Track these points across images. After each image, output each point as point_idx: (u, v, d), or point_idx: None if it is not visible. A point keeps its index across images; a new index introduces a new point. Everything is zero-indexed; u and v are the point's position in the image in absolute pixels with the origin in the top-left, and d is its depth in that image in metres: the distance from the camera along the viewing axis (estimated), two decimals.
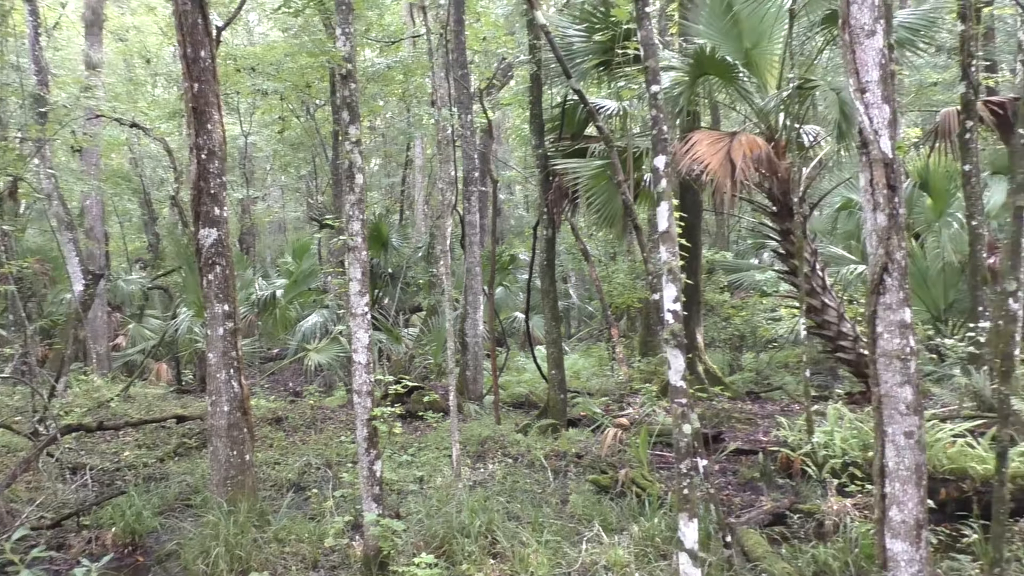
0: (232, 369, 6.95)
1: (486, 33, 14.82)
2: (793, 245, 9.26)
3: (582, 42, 9.94)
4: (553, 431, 9.52)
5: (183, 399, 12.89)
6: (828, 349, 9.80)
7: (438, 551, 5.78)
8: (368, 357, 6.09)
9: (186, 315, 13.44)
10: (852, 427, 7.30)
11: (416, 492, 7.17)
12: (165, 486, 8.01)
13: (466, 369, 11.95)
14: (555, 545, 5.92)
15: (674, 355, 4.62)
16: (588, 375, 13.60)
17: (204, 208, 7.04)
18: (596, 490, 7.23)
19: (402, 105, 19.71)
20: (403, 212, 22.60)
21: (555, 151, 10.54)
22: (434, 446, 8.79)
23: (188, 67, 7.00)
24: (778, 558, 5.55)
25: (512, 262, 16.77)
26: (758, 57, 9.65)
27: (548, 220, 10.44)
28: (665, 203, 4.89)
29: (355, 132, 6.11)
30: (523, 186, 24.85)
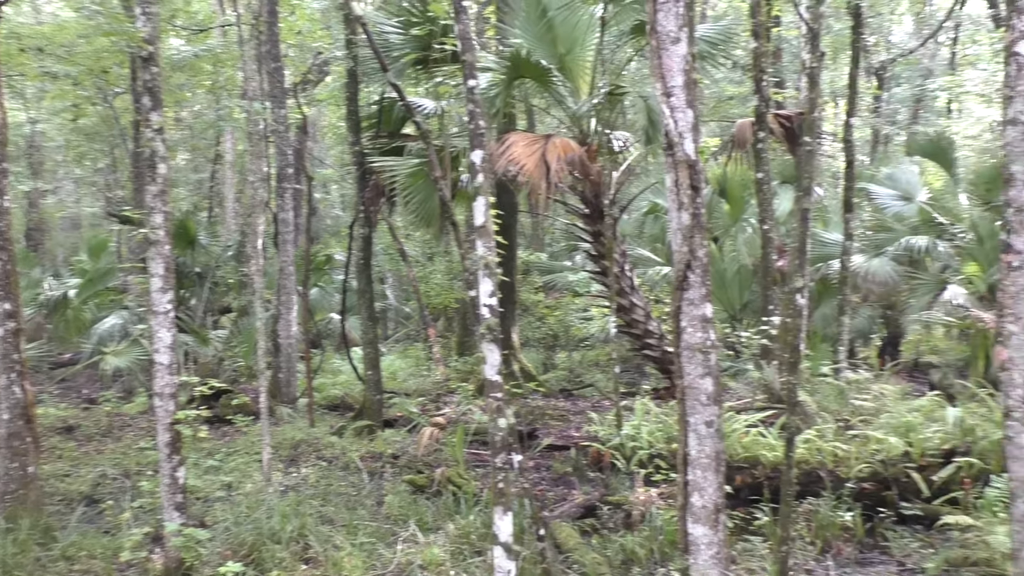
0: (14, 373, 6.37)
1: (301, 27, 14.42)
2: (604, 247, 9.59)
3: (399, 37, 9.85)
4: (369, 432, 9.37)
5: None
6: (636, 347, 10.22)
7: (247, 559, 5.54)
8: (172, 358, 5.75)
9: None
10: (658, 420, 7.64)
11: (224, 499, 6.84)
12: None
13: (279, 371, 11.55)
14: (370, 547, 5.82)
15: (490, 350, 4.66)
16: (405, 376, 13.51)
17: None
18: (412, 490, 7.18)
19: (211, 97, 18.82)
20: (212, 209, 21.60)
21: (372, 149, 10.39)
22: (244, 451, 8.44)
23: None
24: (589, 549, 5.73)
25: (328, 262, 16.38)
26: (571, 63, 9.92)
27: (365, 219, 10.28)
28: (482, 198, 4.92)
29: (157, 119, 5.77)
30: (339, 185, 24.38)
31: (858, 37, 10.76)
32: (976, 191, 11.38)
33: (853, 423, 7.28)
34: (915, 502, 6.04)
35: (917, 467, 6.16)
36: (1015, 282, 3.99)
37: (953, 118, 21.87)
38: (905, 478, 6.14)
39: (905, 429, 6.54)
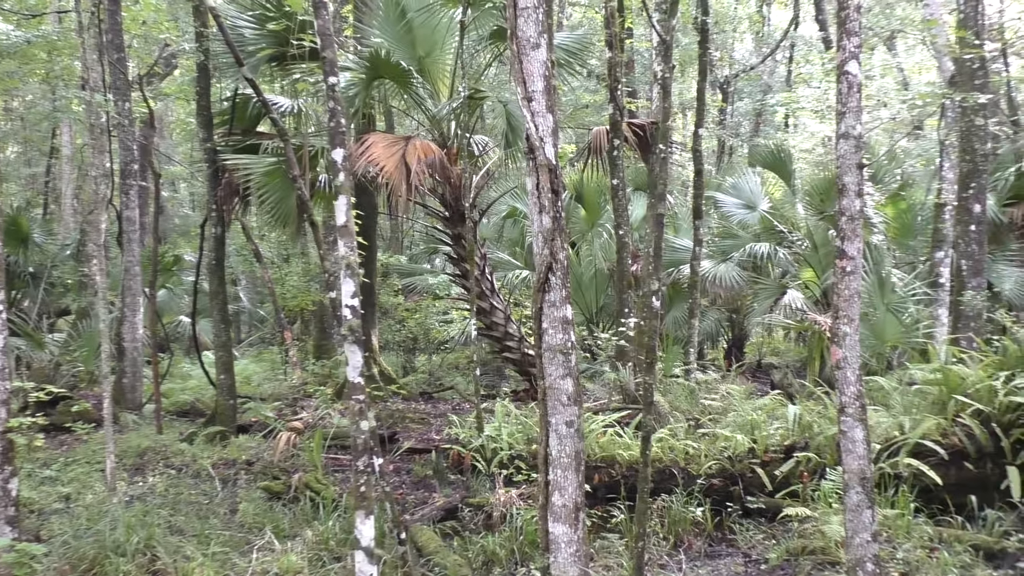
0: None
1: (146, 16, 13.78)
2: (464, 250, 9.63)
3: (254, 32, 9.56)
4: (222, 438, 9.04)
5: None
6: (496, 349, 10.32)
7: (88, 573, 5.23)
8: (3, 362, 5.36)
9: None
10: (518, 422, 7.73)
11: (62, 511, 6.43)
12: None
13: (123, 376, 10.97)
14: (223, 556, 5.62)
15: (352, 351, 4.59)
16: (260, 380, 13.11)
17: None
18: (268, 497, 6.98)
19: (46, 87, 17.67)
20: (47, 205, 20.27)
21: (225, 146, 10.03)
22: (84, 460, 7.95)
23: None
24: (450, 551, 5.73)
25: (176, 263, 15.70)
26: (431, 65, 9.92)
27: (217, 218, 9.92)
28: (343, 197, 4.84)
29: None
30: (188, 183, 23.41)
31: (705, 52, 11.28)
32: (812, 201, 12.14)
33: (703, 422, 7.61)
34: (759, 496, 6.35)
35: (761, 463, 6.48)
36: (848, 286, 4.28)
37: (790, 132, 23.24)
38: (750, 473, 6.45)
39: (750, 427, 6.87)
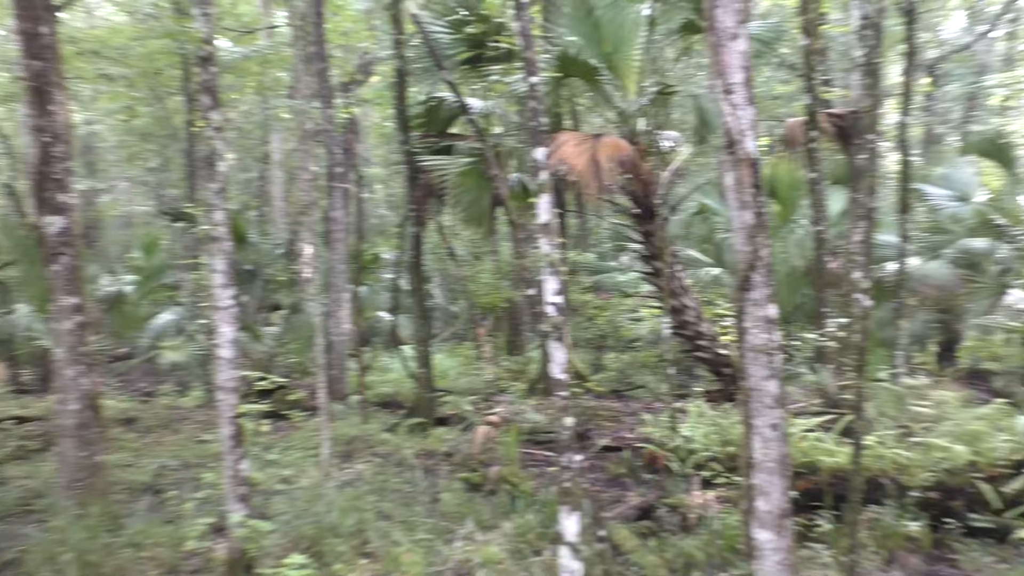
0: (82, 365, 6.52)
1: (347, 27, 14.58)
2: (655, 247, 9.55)
3: (450, 36, 9.89)
4: (422, 430, 9.43)
5: (22, 399, 12.02)
6: (687, 348, 10.15)
7: (308, 552, 5.61)
8: (234, 352, 5.84)
9: (24, 310, 12.51)
10: (712, 423, 7.58)
11: (283, 492, 6.93)
12: (3, 491, 7.42)
13: (330, 368, 11.67)
14: (428, 544, 5.86)
15: (556, 348, 4.67)
16: (455, 374, 13.57)
17: (48, 194, 6.61)
18: (467, 488, 7.22)
19: (259, 98, 19.08)
20: (261, 208, 21.88)
21: (421, 148, 10.45)
22: (300, 446, 8.54)
23: (26, 44, 6.54)
24: (648, 551, 5.70)
25: (375, 261, 16.52)
26: (619, 61, 9.88)
27: (415, 218, 10.35)
28: (545, 196, 4.93)
29: (217, 117, 5.86)
30: (385, 184, 24.55)
31: (912, 33, 10.58)
32: None
33: (914, 430, 7.14)
34: (985, 514, 5.89)
35: (985, 477, 6.01)
36: None
37: (1010, 116, 21.37)
38: (971, 488, 6.00)
39: (971, 438, 6.39)
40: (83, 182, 18.87)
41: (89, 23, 20.34)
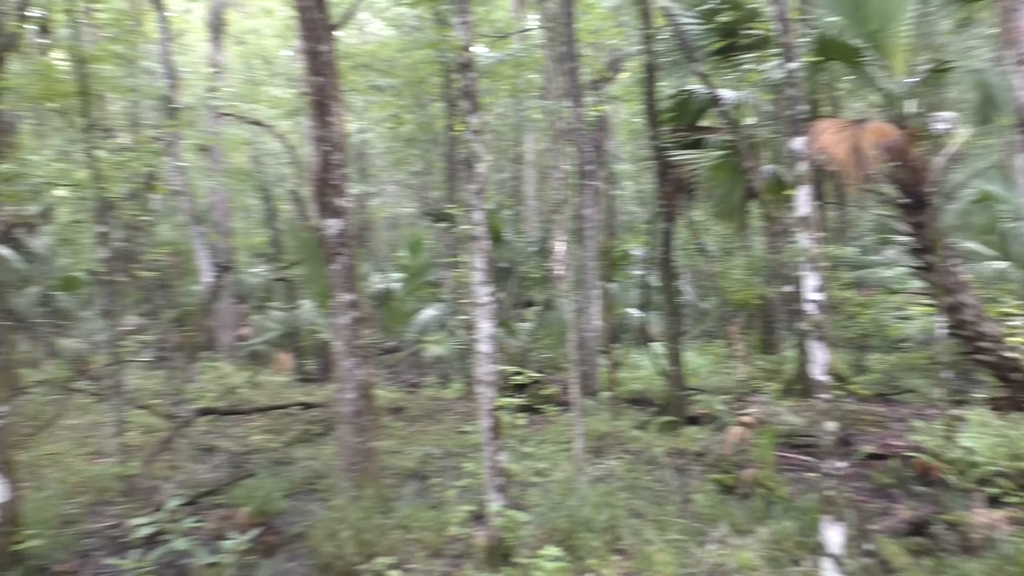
0: (357, 357, 7.07)
1: (595, 25, 14.71)
2: (927, 240, 8.79)
3: (701, 27, 9.68)
4: (672, 428, 9.33)
5: (306, 387, 13.27)
6: (966, 350, 9.26)
7: (561, 544, 5.72)
8: (491, 347, 6.09)
9: (308, 306, 13.82)
10: (998, 434, 6.87)
11: (537, 485, 7.12)
12: (291, 470, 8.24)
13: (582, 364, 11.84)
14: (680, 544, 5.78)
15: (817, 348, 4.43)
16: (706, 373, 13.31)
17: (327, 199, 7.20)
18: (720, 490, 7.03)
19: (511, 100, 19.75)
20: (515, 207, 22.64)
21: (671, 143, 10.32)
22: (553, 440, 8.74)
23: (309, 61, 7.17)
24: (922, 570, 5.26)
25: (625, 257, 16.57)
26: (885, 39, 9.15)
27: (664, 214, 10.24)
28: (804, 187, 4.69)
29: (475, 121, 6.11)
30: (634, 181, 24.54)
31: None
32: None
33: None
34: None
35: None
36: None
37: None
38: None
39: None
40: (356, 187, 20.52)
41: (361, 39, 22.07)
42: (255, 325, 17.17)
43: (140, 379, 11.54)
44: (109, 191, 7.95)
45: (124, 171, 8.46)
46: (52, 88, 7.68)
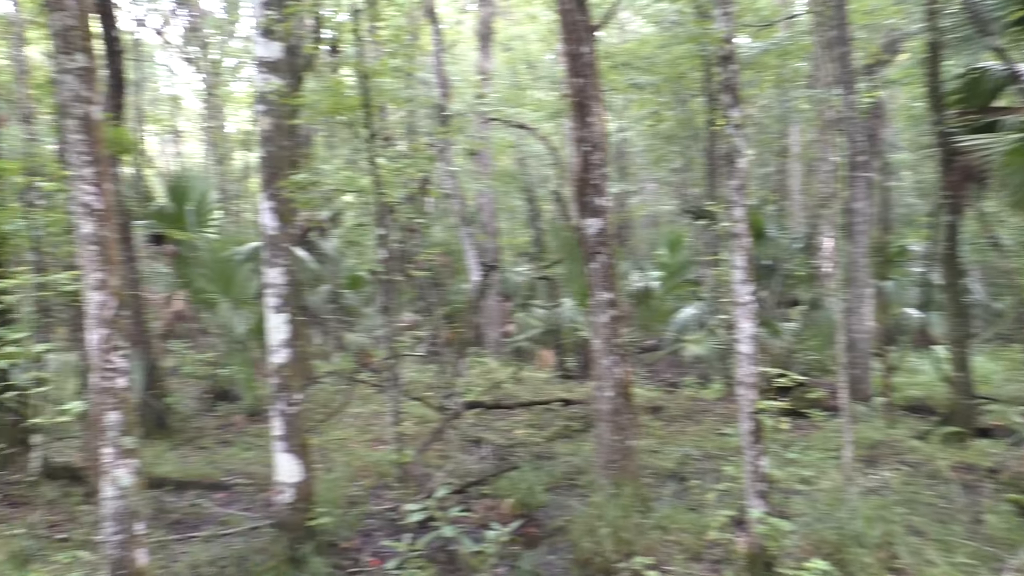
0: (615, 355, 7.11)
1: (871, 5, 13.75)
2: None
3: None
4: (958, 440, 8.51)
5: (567, 384, 13.57)
6: None
7: (829, 558, 5.40)
8: (753, 347, 5.88)
9: (569, 304, 14.13)
10: None
11: (802, 493, 6.79)
12: (552, 464, 8.45)
13: (852, 367, 11.12)
14: (969, 569, 5.26)
15: None
16: (1000, 380, 12.01)
17: (587, 199, 7.28)
18: (1017, 512, 6.32)
19: (776, 91, 18.94)
20: (779, 202, 21.74)
21: (958, 127, 9.39)
22: (819, 446, 8.29)
23: (570, 63, 7.29)
24: None
25: (902, 254, 15.35)
26: None
27: (950, 205, 9.36)
28: None
29: (737, 115, 5.92)
30: (914, 171, 22.69)
31: None
32: None
33: None
34: None
35: None
36: None
37: None
38: None
39: None
40: (616, 186, 20.68)
41: (621, 38, 22.20)
42: (519, 322, 17.81)
43: (415, 372, 12.37)
44: (388, 196, 8.54)
45: (401, 176, 9.06)
46: (340, 102, 8.36)
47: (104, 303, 4.61)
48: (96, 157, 4.60)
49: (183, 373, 13.32)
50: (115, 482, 4.59)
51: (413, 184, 9.92)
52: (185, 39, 20.73)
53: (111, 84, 9.91)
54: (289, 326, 6.30)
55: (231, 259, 11.72)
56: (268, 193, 6.39)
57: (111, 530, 4.60)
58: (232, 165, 21.85)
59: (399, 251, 9.59)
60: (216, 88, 20.44)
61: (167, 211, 12.49)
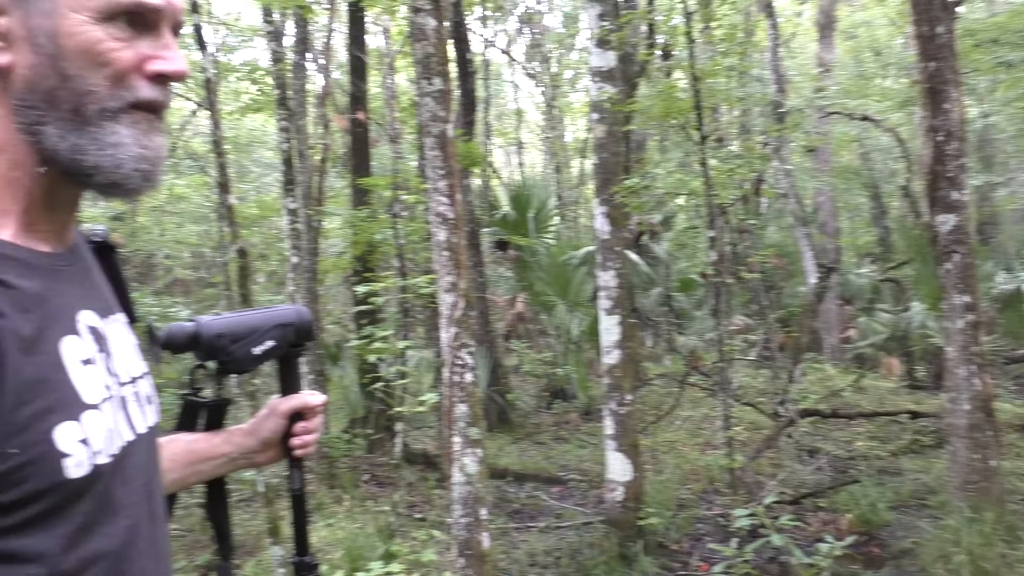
0: (973, 365, 6.40)
1: None
2: None
3: None
4: None
5: (915, 395, 12.47)
6: None
7: None
8: None
9: (918, 308, 12.98)
10: None
11: None
12: (898, 481, 7.81)
13: None
14: None
15: None
16: None
17: (940, 193, 6.65)
18: None
19: None
20: None
21: None
22: None
23: (922, 46, 6.69)
24: None
25: None
26: None
27: None
28: None
29: None
30: None
31: None
32: None
33: None
34: None
35: None
36: None
37: None
38: None
39: None
40: (977, 178, 18.56)
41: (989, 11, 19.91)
42: (861, 327, 16.65)
43: (746, 377, 12.08)
44: (720, 197, 8.45)
45: (734, 177, 8.92)
46: (672, 106, 8.42)
47: (455, 304, 5.04)
48: (450, 171, 5.05)
49: (523, 371, 14.18)
50: (463, 469, 5.00)
51: (746, 185, 9.72)
52: (528, 55, 22.04)
53: (463, 103, 10.85)
54: (621, 328, 6.46)
55: (567, 263, 12.25)
56: (601, 199, 6.61)
57: (459, 513, 5.02)
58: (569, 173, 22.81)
59: (731, 253, 9.44)
60: (555, 100, 21.47)
61: (510, 218, 13.35)
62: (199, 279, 19.22)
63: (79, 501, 0.91)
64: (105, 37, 0.94)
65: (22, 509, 0.86)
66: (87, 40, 0.93)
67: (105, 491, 0.96)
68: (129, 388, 1.08)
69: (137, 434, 1.06)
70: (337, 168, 16.05)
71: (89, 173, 0.96)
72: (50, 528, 0.88)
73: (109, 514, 0.96)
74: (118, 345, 1.09)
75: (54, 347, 0.93)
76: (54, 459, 0.88)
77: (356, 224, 9.99)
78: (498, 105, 24.98)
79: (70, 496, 0.90)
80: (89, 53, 0.93)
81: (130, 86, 0.97)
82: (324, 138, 12.62)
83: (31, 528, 0.87)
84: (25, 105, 0.94)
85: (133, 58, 0.96)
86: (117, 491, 0.98)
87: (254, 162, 20.55)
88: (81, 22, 0.92)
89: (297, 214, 8.76)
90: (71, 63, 0.93)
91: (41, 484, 0.87)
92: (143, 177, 0.99)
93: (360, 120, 10.53)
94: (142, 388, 1.13)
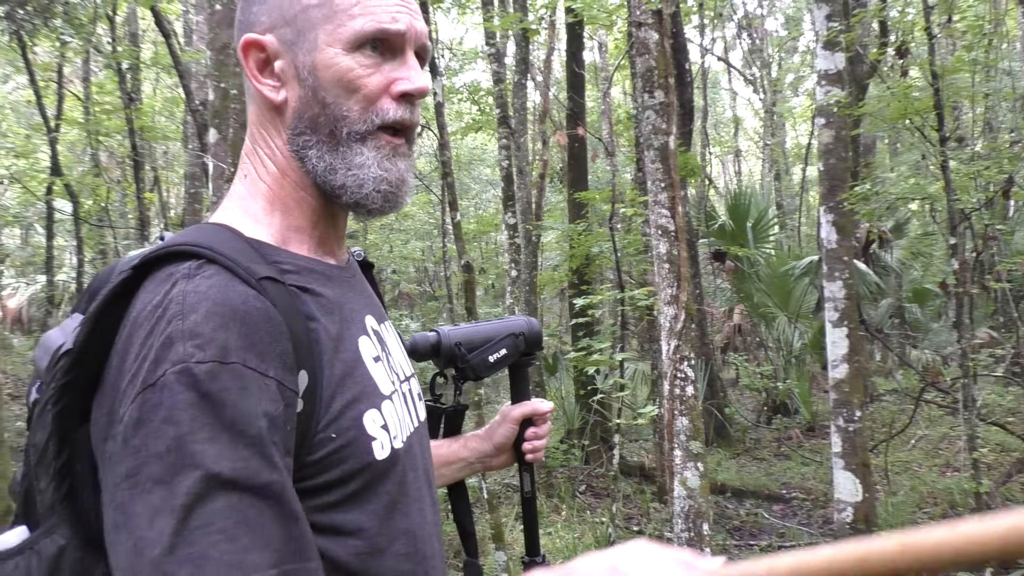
0: None
1: None
2: None
3: None
4: None
5: None
6: None
7: None
8: None
9: None
10: None
11: None
12: None
13: None
14: None
15: None
16: None
17: None
18: None
19: None
20: None
21: None
22: None
23: None
24: None
25: None
26: None
27: None
28: None
29: None
30: None
31: None
32: None
33: None
34: None
35: None
36: None
37: None
38: None
39: None
40: None
41: None
42: None
43: (992, 395, 11.09)
44: (962, 201, 7.88)
45: (978, 179, 8.29)
46: (908, 106, 7.94)
47: (675, 316, 5.03)
48: (671, 183, 5.07)
49: (741, 385, 13.81)
50: (684, 483, 4.97)
51: (993, 187, 8.97)
52: (746, 61, 21.51)
53: (680, 113, 10.77)
54: (849, 340, 6.17)
55: (788, 274, 11.83)
56: (827, 206, 6.35)
57: (680, 527, 4.99)
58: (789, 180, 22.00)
59: (975, 261, 8.74)
60: (775, 105, 20.81)
61: (728, 228, 13.07)
62: (422, 292, 20.27)
63: (384, 481, 1.03)
64: (355, 65, 1.02)
65: (341, 487, 0.97)
66: (340, 69, 1.02)
67: (402, 473, 1.07)
68: (404, 385, 1.20)
69: (415, 426, 1.18)
70: (554, 183, 16.42)
71: (338, 193, 1.06)
72: (365, 504, 1.01)
73: (405, 495, 1.07)
74: (393, 347, 1.21)
75: (354, 345, 1.06)
76: (365, 442, 1.00)
77: (573, 237, 10.18)
78: (715, 114, 24.53)
79: (377, 476, 1.02)
80: (343, 81, 1.02)
81: (379, 109, 1.05)
82: (542, 154, 12.94)
83: (350, 504, 0.99)
84: (295, 133, 1.05)
85: (381, 82, 1.04)
86: (408, 475, 1.09)
87: (473, 179, 21.39)
88: (335, 54, 1.02)
89: (516, 229, 9.04)
90: (328, 91, 1.02)
91: (356, 465, 0.99)
92: (384, 198, 1.07)
93: (579, 135, 10.72)
94: (413, 386, 1.25)
